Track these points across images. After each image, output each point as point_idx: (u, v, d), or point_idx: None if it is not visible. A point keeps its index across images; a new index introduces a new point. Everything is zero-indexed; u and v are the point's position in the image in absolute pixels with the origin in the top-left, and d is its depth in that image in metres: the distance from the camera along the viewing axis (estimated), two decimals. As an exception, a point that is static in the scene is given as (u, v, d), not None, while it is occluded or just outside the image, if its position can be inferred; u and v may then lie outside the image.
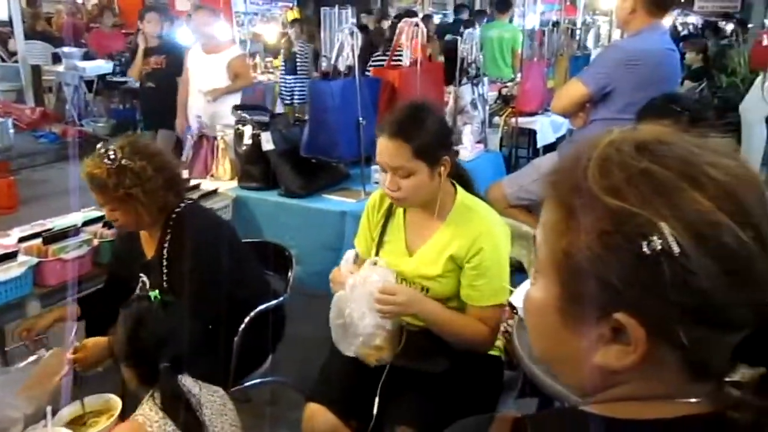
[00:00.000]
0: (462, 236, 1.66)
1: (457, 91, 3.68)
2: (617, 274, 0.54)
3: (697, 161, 0.55)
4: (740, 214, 0.53)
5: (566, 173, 0.60)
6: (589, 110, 2.70)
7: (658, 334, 0.55)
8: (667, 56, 2.60)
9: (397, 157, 1.59)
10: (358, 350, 1.66)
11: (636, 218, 0.53)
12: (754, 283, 0.53)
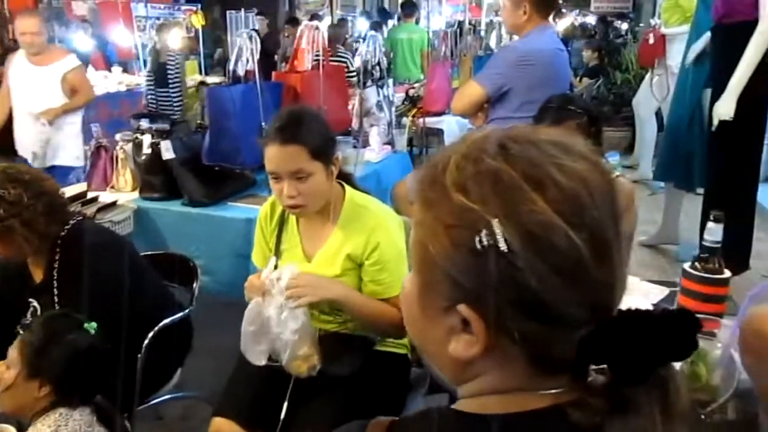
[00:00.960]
0: (356, 234, 1.68)
1: (362, 94, 3.71)
2: (459, 268, 0.56)
3: (546, 163, 0.57)
4: (577, 217, 0.55)
5: (431, 167, 0.62)
6: (488, 110, 2.77)
7: (496, 328, 0.57)
8: (558, 56, 2.71)
9: (294, 161, 1.58)
10: (288, 365, 1.63)
11: (472, 214, 0.55)
12: (586, 283, 0.55)
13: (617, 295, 0.58)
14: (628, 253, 0.63)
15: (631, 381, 0.55)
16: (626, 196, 2.10)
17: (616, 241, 0.58)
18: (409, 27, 7.62)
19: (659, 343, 0.54)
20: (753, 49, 2.84)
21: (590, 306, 0.56)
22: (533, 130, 0.62)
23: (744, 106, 2.88)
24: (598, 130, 2.12)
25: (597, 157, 0.60)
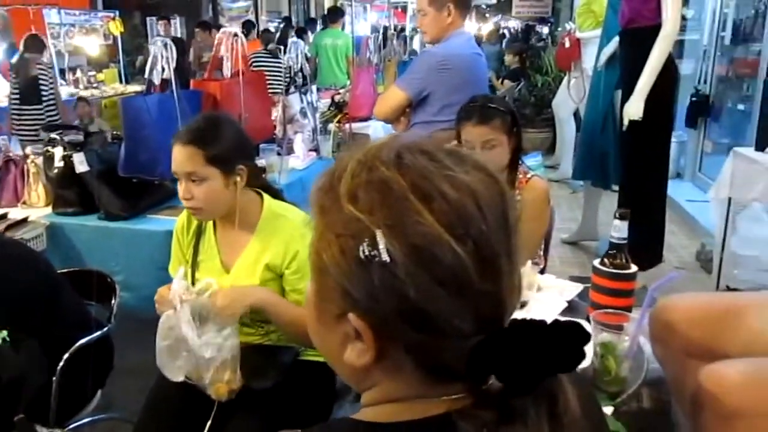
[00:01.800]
0: (274, 243, 1.67)
1: (284, 100, 3.68)
2: (347, 277, 0.57)
3: (436, 174, 0.57)
4: (463, 230, 0.55)
5: (329, 174, 0.62)
6: (410, 115, 2.81)
7: (385, 337, 0.58)
8: (476, 60, 2.77)
9: (189, 162, 1.59)
10: (208, 387, 1.60)
11: (359, 224, 0.56)
12: (471, 295, 0.56)
13: (508, 306, 0.59)
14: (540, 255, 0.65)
15: (519, 391, 0.56)
16: (541, 195, 2.17)
17: (507, 252, 0.58)
18: (333, 33, 7.63)
19: (546, 355, 0.54)
20: (657, 52, 2.98)
21: (477, 317, 0.56)
22: (431, 141, 0.62)
23: (652, 106, 3.02)
24: (519, 130, 2.16)
25: (491, 168, 0.61)
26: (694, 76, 5.48)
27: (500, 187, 0.60)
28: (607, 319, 1.38)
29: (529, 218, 2.15)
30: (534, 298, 1.67)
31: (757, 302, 1.67)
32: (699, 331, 1.65)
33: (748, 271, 2.80)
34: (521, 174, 2.18)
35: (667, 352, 1.74)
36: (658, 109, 3.05)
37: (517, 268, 0.61)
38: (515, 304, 0.61)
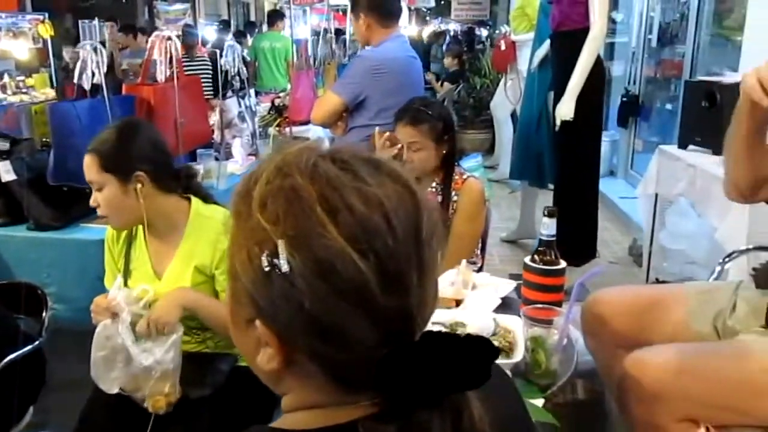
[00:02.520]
0: (202, 245, 1.66)
1: (221, 105, 3.64)
2: (254, 284, 0.58)
3: (346, 186, 0.57)
4: (367, 244, 0.55)
5: (247, 179, 0.62)
6: (347, 119, 2.82)
7: (289, 345, 0.58)
8: (410, 63, 2.81)
9: (88, 170, 1.61)
10: (147, 402, 1.56)
11: (264, 233, 0.56)
12: (374, 309, 0.55)
13: (418, 319, 0.58)
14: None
15: (423, 404, 0.56)
16: (476, 196, 2.22)
17: (417, 266, 0.57)
18: (272, 36, 7.58)
19: (451, 371, 0.54)
20: (586, 54, 3.08)
21: (382, 331, 0.56)
22: (351, 149, 0.62)
23: (582, 106, 3.11)
24: (452, 136, 2.20)
25: (409, 179, 0.61)
26: (624, 77, 5.68)
27: (416, 199, 0.60)
28: (538, 313, 1.42)
29: (465, 218, 2.19)
30: (470, 296, 1.70)
31: (680, 293, 1.76)
32: (627, 322, 1.72)
33: (675, 264, 2.92)
34: (457, 175, 2.23)
35: (598, 344, 1.81)
36: (588, 110, 3.15)
37: (431, 281, 0.60)
38: (427, 316, 0.60)
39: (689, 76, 4.25)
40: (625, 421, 1.58)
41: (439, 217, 0.64)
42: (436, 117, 2.15)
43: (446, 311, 1.59)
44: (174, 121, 3.05)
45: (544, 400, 1.32)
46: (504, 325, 1.50)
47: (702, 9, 4.36)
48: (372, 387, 0.56)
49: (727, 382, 1.43)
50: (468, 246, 2.23)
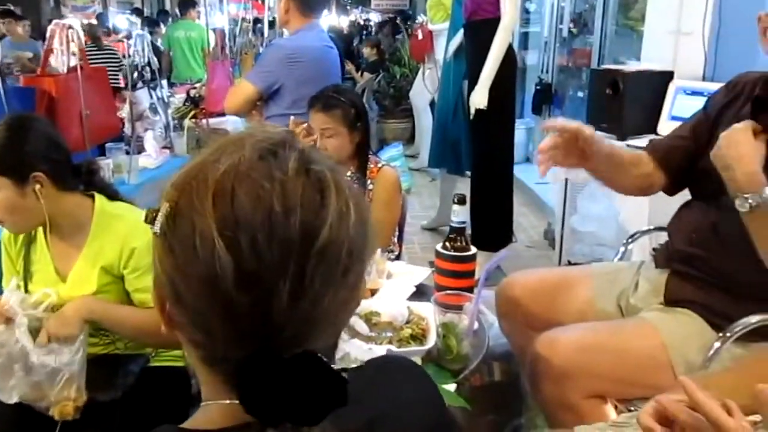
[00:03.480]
0: (109, 245, 1.58)
1: (131, 96, 3.50)
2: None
3: (250, 174, 0.55)
4: (233, 232, 0.53)
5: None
6: (261, 108, 2.77)
7: (166, 311, 0.60)
8: (326, 53, 2.78)
9: None
10: (53, 409, 1.48)
11: (162, 196, 0.59)
12: (221, 299, 0.54)
13: (285, 332, 0.55)
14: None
15: (267, 422, 0.54)
16: (391, 184, 2.23)
17: (293, 276, 0.54)
18: (186, 24, 7.36)
19: (290, 401, 0.52)
20: (498, 44, 3.14)
21: (235, 329, 0.54)
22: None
23: (495, 95, 3.18)
24: (364, 124, 2.21)
25: (324, 180, 0.57)
26: (537, 66, 5.83)
27: (324, 212, 0.55)
28: (449, 300, 1.44)
29: (381, 206, 2.20)
30: (385, 285, 1.70)
31: (586, 274, 1.82)
32: (538, 304, 1.77)
33: (585, 246, 3.03)
34: (372, 164, 2.24)
35: (512, 326, 1.85)
36: (501, 98, 3.22)
37: (318, 298, 0.56)
38: (315, 336, 0.57)
39: (597, 64, 4.40)
40: (537, 400, 1.63)
41: (367, 238, 0.60)
42: (349, 103, 2.15)
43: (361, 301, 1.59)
44: (79, 114, 2.90)
45: (456, 384, 1.34)
46: (418, 312, 1.52)
47: (608, 0, 4.52)
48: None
49: (630, 358, 1.50)
50: (385, 234, 2.24)
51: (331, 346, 0.63)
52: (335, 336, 0.62)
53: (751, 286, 1.42)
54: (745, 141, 1.34)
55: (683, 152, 1.66)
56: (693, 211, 1.62)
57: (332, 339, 0.62)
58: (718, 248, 1.49)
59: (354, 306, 0.63)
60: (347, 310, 0.61)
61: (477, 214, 3.49)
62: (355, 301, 0.62)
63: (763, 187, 1.29)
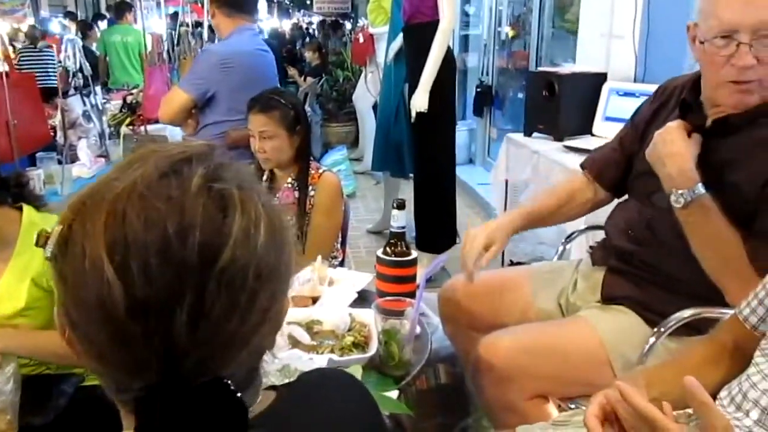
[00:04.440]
0: (38, 256, 1.51)
1: (63, 104, 3.38)
2: None
3: (146, 193, 0.52)
4: (122, 257, 0.50)
5: None
6: (197, 116, 2.71)
7: (67, 334, 0.57)
8: (260, 57, 2.74)
9: None
10: None
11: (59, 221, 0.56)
12: (114, 326, 0.51)
13: (191, 360, 0.52)
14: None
15: None
16: (333, 190, 2.21)
17: (190, 303, 0.51)
18: (122, 29, 7.16)
19: (196, 425, 0.51)
20: (437, 47, 3.16)
21: (132, 356, 0.52)
22: (177, 155, 0.57)
23: (436, 97, 3.20)
24: (305, 128, 2.18)
25: (216, 195, 0.54)
26: (478, 68, 5.90)
27: (223, 235, 0.52)
28: (391, 305, 1.43)
29: (323, 212, 2.18)
30: (326, 293, 1.68)
31: (527, 274, 1.84)
32: (480, 305, 1.78)
33: (528, 245, 3.09)
34: (313, 170, 2.21)
35: (455, 329, 1.86)
36: (441, 101, 3.24)
37: (220, 323, 0.53)
38: (218, 360, 0.54)
39: (535, 66, 4.48)
40: (481, 403, 1.64)
41: (282, 257, 0.58)
42: (288, 105, 2.13)
43: (302, 310, 1.56)
44: (6, 123, 2.79)
45: (399, 391, 1.33)
46: (360, 319, 1.50)
47: (544, 3, 4.61)
48: None
49: (569, 357, 1.52)
50: (327, 240, 2.22)
51: (251, 370, 0.60)
52: (254, 360, 0.60)
53: (684, 282, 1.46)
54: (679, 139, 1.38)
55: (615, 164, 1.72)
56: (629, 209, 1.66)
57: (250, 363, 0.59)
58: (653, 244, 1.53)
59: (271, 329, 0.60)
60: (261, 333, 0.57)
61: (421, 217, 3.51)
62: (270, 324, 0.59)
63: (696, 183, 1.34)
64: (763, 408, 1.01)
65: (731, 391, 1.09)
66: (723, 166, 1.38)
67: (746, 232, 1.33)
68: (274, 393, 0.65)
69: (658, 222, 1.50)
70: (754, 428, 1.02)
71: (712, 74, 1.39)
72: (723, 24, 1.31)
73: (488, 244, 1.61)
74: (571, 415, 1.36)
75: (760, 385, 1.03)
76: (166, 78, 5.22)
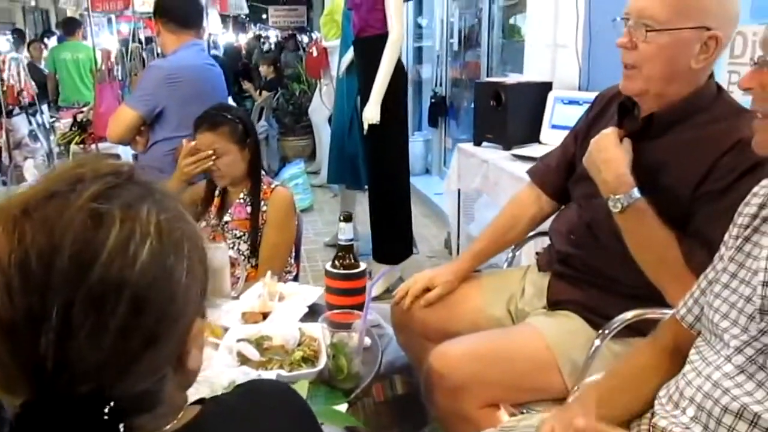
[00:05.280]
0: None
1: (7, 124, 3.31)
2: None
3: (16, 215, 0.53)
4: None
5: None
6: (147, 133, 2.68)
7: None
8: (207, 71, 2.72)
9: None
10: None
11: None
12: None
13: (63, 381, 0.52)
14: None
15: None
16: (285, 204, 2.20)
17: (56, 327, 0.51)
18: (72, 46, 7.04)
19: None
20: (387, 59, 3.19)
21: (7, 379, 0.52)
22: (74, 174, 0.57)
23: (387, 109, 3.21)
24: (253, 141, 2.16)
25: (95, 217, 0.54)
26: (432, 79, 5.96)
27: (90, 256, 0.52)
28: (340, 318, 1.43)
29: (276, 228, 2.17)
30: (277, 308, 1.67)
31: (477, 282, 1.86)
32: (433, 315, 1.79)
33: (483, 254, 3.11)
34: (266, 185, 2.19)
35: (408, 339, 1.87)
36: (393, 112, 3.26)
37: (93, 345, 0.52)
38: (100, 380, 0.53)
39: (486, 76, 4.55)
40: (434, 413, 1.64)
41: (179, 283, 0.57)
42: (235, 119, 2.11)
43: (252, 326, 1.55)
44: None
45: (349, 404, 1.33)
46: (309, 333, 1.49)
47: (492, 15, 4.69)
48: None
49: (519, 364, 1.54)
50: (280, 255, 2.20)
51: (152, 392, 0.59)
52: (152, 382, 0.58)
53: (625, 284, 1.50)
54: (613, 145, 1.42)
55: (558, 171, 1.76)
56: (570, 213, 1.70)
57: (146, 385, 0.57)
58: (594, 248, 1.57)
59: (170, 352, 0.59)
60: (153, 356, 0.56)
61: (377, 229, 3.52)
62: (168, 347, 0.58)
63: (631, 188, 1.37)
64: (699, 404, 1.03)
65: (669, 390, 1.12)
66: (656, 169, 1.42)
67: (682, 234, 1.38)
68: (198, 407, 0.64)
69: (597, 225, 1.54)
70: (690, 425, 1.04)
71: None
72: (626, 7, 1.41)
73: (430, 287, 1.76)
74: (519, 420, 1.37)
75: (695, 382, 1.06)
76: (118, 95, 5.13)
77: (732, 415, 0.97)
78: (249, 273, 2.11)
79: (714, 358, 1.05)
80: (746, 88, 1.00)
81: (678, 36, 1.34)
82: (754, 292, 0.99)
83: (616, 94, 1.62)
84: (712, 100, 1.44)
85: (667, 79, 1.39)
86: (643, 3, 1.37)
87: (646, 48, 1.37)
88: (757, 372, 0.98)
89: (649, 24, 1.35)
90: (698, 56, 1.36)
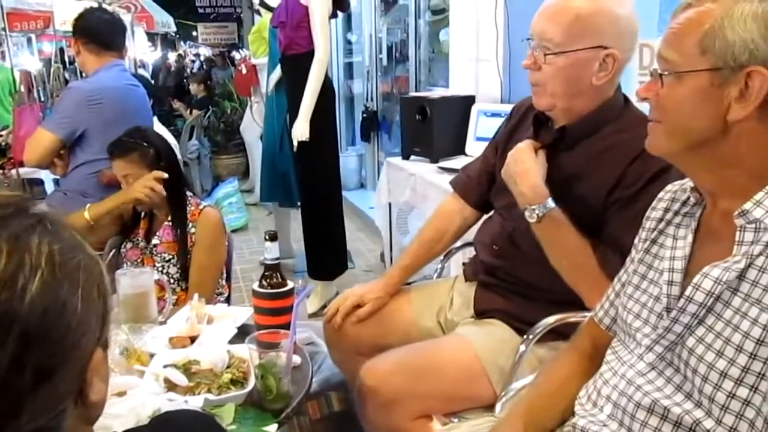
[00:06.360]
0: None
1: None
2: None
3: None
4: None
5: None
6: (66, 156, 2.60)
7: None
8: (130, 91, 2.67)
9: None
10: None
11: None
12: None
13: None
14: None
15: None
16: (214, 225, 2.17)
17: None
18: (-11, 66, 6.76)
19: None
20: (314, 77, 3.20)
21: None
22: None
23: (316, 126, 3.22)
24: (170, 163, 2.13)
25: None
26: (363, 94, 6.01)
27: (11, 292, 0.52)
28: (268, 338, 1.42)
29: (205, 249, 2.14)
30: (205, 331, 1.65)
31: (409, 295, 1.88)
32: (364, 329, 1.80)
33: (417, 266, 3.14)
34: (193, 206, 2.16)
35: (342, 356, 1.87)
36: (322, 129, 3.26)
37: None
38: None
39: (415, 90, 4.62)
40: (367, 428, 1.65)
41: (74, 319, 0.56)
42: (145, 143, 2.07)
43: (179, 351, 1.52)
44: None
45: (278, 424, 1.32)
46: (239, 355, 1.48)
47: (419, 31, 4.78)
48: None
49: (449, 374, 1.56)
50: (210, 277, 2.17)
51: (48, 428, 0.57)
52: (49, 417, 0.57)
53: (547, 291, 1.54)
54: (528, 158, 1.47)
55: (479, 181, 1.81)
56: (493, 224, 1.74)
57: (42, 420, 0.56)
58: (516, 257, 1.61)
59: (67, 388, 0.58)
60: (48, 391, 0.55)
61: (310, 245, 3.51)
62: (65, 383, 0.57)
63: (546, 198, 1.42)
64: (615, 402, 1.08)
65: (588, 390, 1.16)
66: (571, 179, 1.48)
67: (596, 240, 1.44)
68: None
69: (518, 235, 1.58)
70: (607, 422, 1.08)
71: None
72: (530, 28, 1.48)
73: (360, 303, 1.78)
74: (450, 428, 1.40)
75: (611, 381, 1.10)
76: (38, 117, 4.94)
77: (644, 410, 1.02)
78: (180, 296, 2.08)
79: (628, 357, 1.10)
80: (643, 98, 1.06)
81: (575, 57, 1.41)
82: (661, 291, 1.05)
83: (531, 106, 1.68)
84: (619, 112, 1.50)
85: (570, 96, 1.46)
86: (543, 26, 1.43)
87: (547, 69, 1.44)
88: (666, 368, 1.03)
89: (548, 47, 1.42)
90: (598, 73, 1.43)
